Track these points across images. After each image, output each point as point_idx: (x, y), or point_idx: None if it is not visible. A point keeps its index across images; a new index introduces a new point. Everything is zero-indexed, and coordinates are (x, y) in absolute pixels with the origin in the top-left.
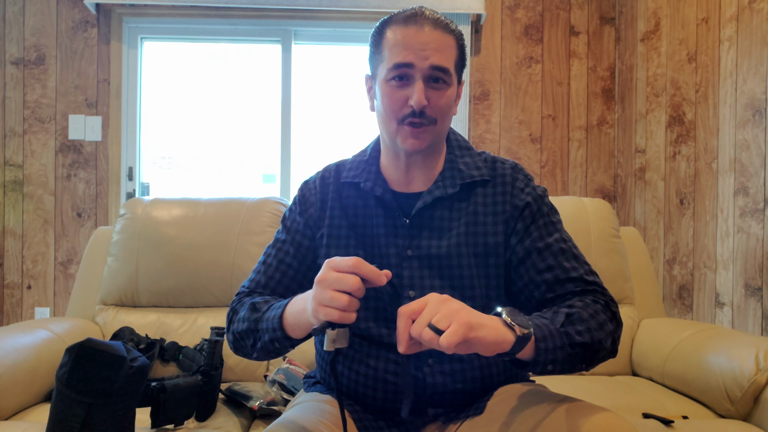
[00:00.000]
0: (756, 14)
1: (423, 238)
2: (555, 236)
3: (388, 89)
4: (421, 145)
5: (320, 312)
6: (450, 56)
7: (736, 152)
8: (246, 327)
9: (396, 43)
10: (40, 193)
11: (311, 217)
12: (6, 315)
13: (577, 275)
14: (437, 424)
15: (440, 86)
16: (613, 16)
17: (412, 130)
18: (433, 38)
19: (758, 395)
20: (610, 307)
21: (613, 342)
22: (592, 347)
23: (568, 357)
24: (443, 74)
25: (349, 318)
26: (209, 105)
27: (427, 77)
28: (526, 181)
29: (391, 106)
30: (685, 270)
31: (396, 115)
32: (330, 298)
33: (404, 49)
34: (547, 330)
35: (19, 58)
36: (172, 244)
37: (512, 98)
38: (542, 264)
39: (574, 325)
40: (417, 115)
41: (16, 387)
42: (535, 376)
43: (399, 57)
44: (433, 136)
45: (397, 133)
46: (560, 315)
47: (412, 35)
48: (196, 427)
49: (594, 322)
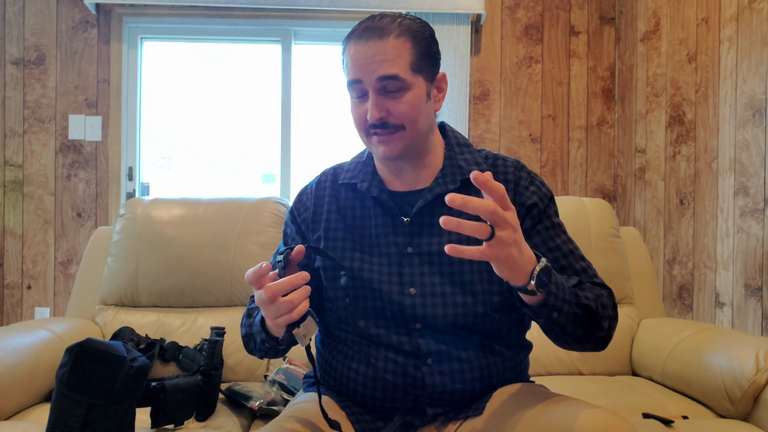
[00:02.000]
0: (756, 14)
1: (423, 236)
2: (563, 237)
3: (352, 105)
4: (392, 151)
5: (276, 325)
6: (401, 61)
7: (736, 152)
8: (245, 331)
9: (348, 62)
10: (40, 193)
11: (304, 221)
12: (6, 315)
13: (586, 276)
14: (436, 425)
15: (396, 94)
16: (613, 16)
17: (379, 138)
18: (379, 49)
19: (758, 395)
20: (612, 298)
21: (609, 328)
22: (594, 317)
23: (572, 313)
24: (395, 82)
25: (299, 312)
26: (209, 105)
27: (379, 89)
28: (530, 179)
29: (356, 120)
30: (685, 270)
31: (362, 128)
32: (272, 312)
33: (352, 66)
34: (560, 280)
35: (19, 58)
36: (172, 244)
37: (512, 98)
38: (555, 265)
39: (584, 291)
40: (379, 126)
41: (16, 387)
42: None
43: (350, 75)
44: (406, 141)
45: (370, 144)
46: (573, 279)
47: (359, 51)
48: (196, 427)
49: (598, 300)
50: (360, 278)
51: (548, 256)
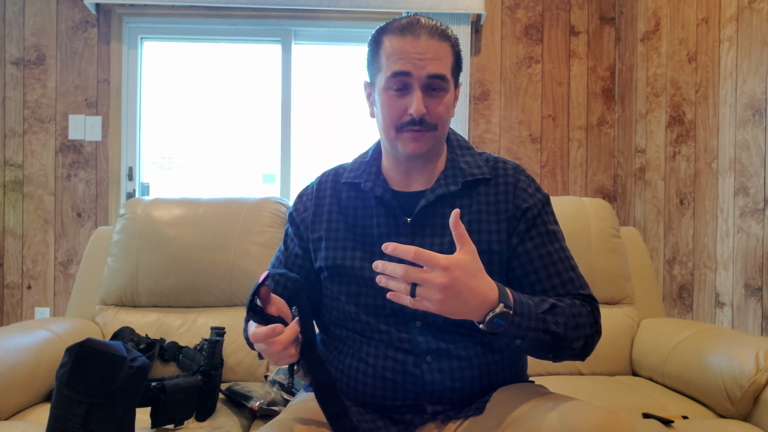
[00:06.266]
0: (756, 14)
1: (426, 236)
2: (556, 245)
3: (387, 98)
4: (422, 148)
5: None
6: (446, 63)
7: (736, 152)
8: (246, 335)
9: (393, 53)
10: (40, 193)
11: (303, 221)
12: (6, 315)
13: (573, 287)
14: (436, 423)
15: (438, 94)
16: (613, 16)
17: (413, 134)
18: (430, 47)
19: (758, 395)
20: (594, 314)
21: (585, 345)
22: (563, 341)
23: (537, 339)
24: (441, 82)
25: (294, 358)
26: (209, 105)
27: (425, 86)
28: (528, 182)
29: (390, 115)
30: (685, 270)
31: (395, 123)
32: (272, 360)
33: (401, 58)
34: (527, 309)
35: (19, 58)
36: (172, 244)
37: (512, 98)
38: (543, 272)
39: (555, 316)
40: (417, 123)
41: (16, 387)
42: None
43: (397, 66)
44: (434, 141)
45: (397, 140)
46: (546, 303)
47: (409, 44)
48: (196, 427)
49: (573, 320)
50: (361, 277)
51: (538, 264)
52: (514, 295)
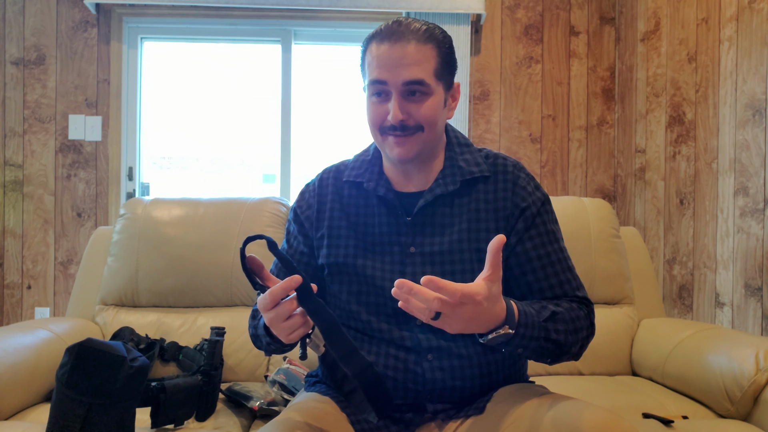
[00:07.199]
0: (756, 14)
1: (426, 236)
2: (555, 246)
3: (370, 104)
4: (408, 153)
5: (290, 341)
6: (427, 67)
7: (736, 152)
8: (252, 332)
9: (372, 60)
10: (40, 193)
11: (308, 219)
12: (6, 315)
13: (569, 288)
14: (437, 422)
15: (419, 98)
16: (613, 16)
17: (396, 139)
18: (407, 52)
19: (758, 395)
20: (590, 317)
21: (581, 347)
22: (563, 347)
23: (538, 347)
24: (419, 86)
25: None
26: (209, 105)
27: (403, 92)
28: (528, 180)
29: (373, 120)
30: (685, 270)
31: (377, 126)
32: (283, 332)
33: (378, 66)
34: (531, 319)
35: (19, 58)
36: (172, 244)
37: (512, 98)
38: (542, 272)
39: (556, 324)
40: (398, 128)
41: (16, 387)
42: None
43: (374, 74)
44: (422, 144)
45: (384, 144)
46: (546, 311)
47: (386, 51)
48: (196, 427)
49: (572, 325)
50: (363, 275)
51: (536, 264)
52: (518, 307)
